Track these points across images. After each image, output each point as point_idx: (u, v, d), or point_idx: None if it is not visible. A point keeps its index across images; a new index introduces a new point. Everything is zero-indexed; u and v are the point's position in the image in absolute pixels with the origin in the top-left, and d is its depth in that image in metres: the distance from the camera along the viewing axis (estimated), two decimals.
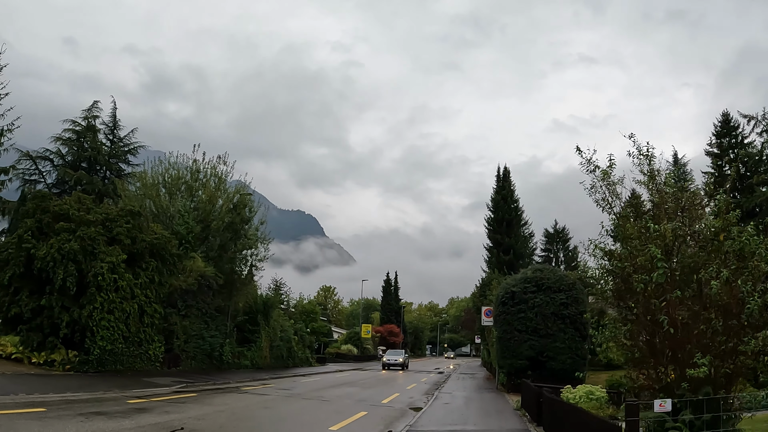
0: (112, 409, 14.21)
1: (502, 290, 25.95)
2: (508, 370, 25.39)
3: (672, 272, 8.27)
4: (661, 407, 7.11)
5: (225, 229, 32.05)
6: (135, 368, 24.51)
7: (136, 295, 24.53)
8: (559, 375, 23.20)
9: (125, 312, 23.90)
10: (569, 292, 24.30)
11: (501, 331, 25.23)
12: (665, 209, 9.30)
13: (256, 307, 36.30)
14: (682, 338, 7.97)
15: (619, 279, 9.04)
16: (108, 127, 53.78)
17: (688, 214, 9.05)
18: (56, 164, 51.29)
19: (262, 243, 33.71)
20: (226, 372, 29.44)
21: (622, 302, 9.10)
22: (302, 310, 66.64)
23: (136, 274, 24.72)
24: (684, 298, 8.05)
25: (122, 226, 24.72)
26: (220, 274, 30.07)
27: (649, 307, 8.26)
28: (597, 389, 15.25)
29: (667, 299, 8.08)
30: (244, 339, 35.50)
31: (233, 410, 15.28)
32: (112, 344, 23.23)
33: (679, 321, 7.96)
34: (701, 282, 8.08)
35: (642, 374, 9.30)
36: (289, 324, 43.07)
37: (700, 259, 8.30)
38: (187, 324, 28.26)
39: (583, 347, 24.11)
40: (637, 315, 8.52)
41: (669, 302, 8.08)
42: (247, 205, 32.62)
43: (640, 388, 9.32)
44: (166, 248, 26.06)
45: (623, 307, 9.04)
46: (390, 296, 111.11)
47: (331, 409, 17.16)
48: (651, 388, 8.76)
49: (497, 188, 54.32)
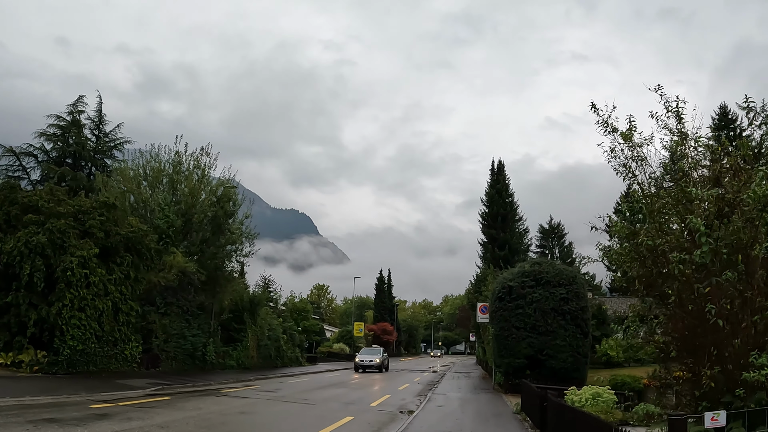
0: (69, 415, 12.81)
1: (498, 285, 24.56)
2: (505, 369, 24.02)
3: (717, 250, 6.82)
4: (714, 421, 5.70)
5: (208, 223, 30.61)
6: (110, 369, 23.08)
7: (110, 292, 23.09)
8: (560, 374, 21.90)
9: (98, 309, 22.47)
10: (570, 287, 22.95)
11: (498, 328, 23.85)
12: (701, 176, 7.84)
13: (242, 305, 34.84)
14: (730, 332, 6.54)
15: (650, 261, 7.62)
16: (93, 123, 52.33)
17: (729, 182, 7.58)
18: (40, 160, 49.94)
19: (248, 238, 32.22)
20: (209, 373, 27.99)
21: (651, 290, 7.68)
22: (293, 308, 65.14)
23: (110, 270, 23.29)
24: (732, 282, 6.58)
25: (95, 219, 23.27)
26: (202, 270, 28.62)
27: (689, 295, 6.83)
28: (604, 391, 13.87)
29: (712, 284, 6.65)
30: (230, 338, 34.05)
31: (205, 416, 13.86)
32: (84, 344, 21.79)
33: (726, 311, 6.51)
34: (751, 261, 6.64)
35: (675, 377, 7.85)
36: (278, 322, 41.61)
37: (747, 235, 6.87)
38: (167, 322, 26.79)
39: (585, 345, 22.77)
40: (673, 304, 7.09)
41: (714, 288, 6.64)
42: (231, 198, 31.14)
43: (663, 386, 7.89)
44: (142, 242, 24.62)
45: (654, 297, 7.62)
46: (383, 294, 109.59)
47: (314, 414, 15.77)
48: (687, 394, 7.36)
49: (491, 182, 52.96)
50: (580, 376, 22.50)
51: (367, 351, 46.20)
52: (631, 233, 8.09)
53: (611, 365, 33.81)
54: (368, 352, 45.66)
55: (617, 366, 34.03)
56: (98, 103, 52.14)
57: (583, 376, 22.69)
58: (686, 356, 7.45)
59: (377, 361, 41.67)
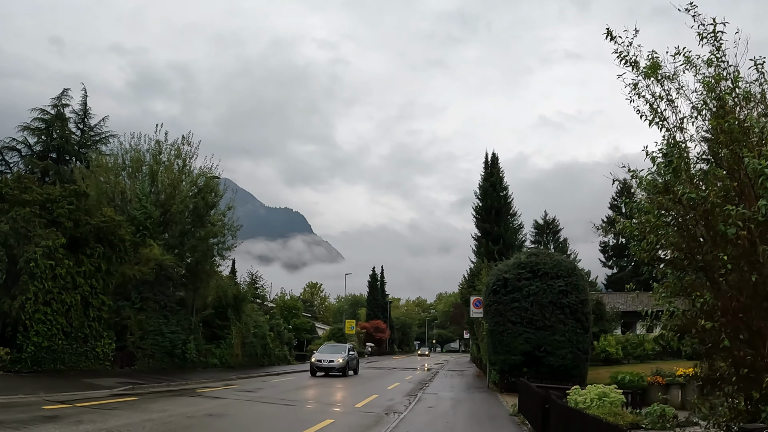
0: (15, 417, 11.48)
1: (493, 277, 23.13)
2: (500, 366, 22.62)
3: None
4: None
5: (189, 215, 29.13)
6: (79, 368, 21.62)
7: (79, 285, 21.62)
8: (559, 372, 20.55)
9: (65, 304, 21.00)
10: (568, 279, 21.57)
11: (492, 323, 22.43)
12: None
13: (227, 301, 33.35)
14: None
15: (692, 221, 6.15)
16: (78, 116, 50.88)
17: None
18: (24, 154, 48.41)
19: (230, 231, 30.71)
20: (189, 372, 26.51)
21: (692, 260, 6.22)
22: (283, 305, 63.57)
23: (79, 261, 21.81)
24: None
25: (64, 208, 21.78)
26: (181, 264, 27.16)
27: (749, 263, 5.39)
28: (611, 390, 12.50)
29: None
30: (213, 335, 32.57)
31: (167, 419, 12.42)
32: (50, 340, 20.33)
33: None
34: None
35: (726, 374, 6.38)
36: (264, 319, 40.08)
37: None
38: (143, 318, 25.29)
39: (586, 340, 21.40)
40: (725, 277, 5.62)
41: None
42: (213, 188, 29.64)
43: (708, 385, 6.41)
44: (115, 233, 23.14)
45: (696, 269, 6.18)
46: (376, 291, 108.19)
47: (291, 417, 14.36)
48: (740, 396, 5.96)
49: (485, 175, 51.55)
50: (581, 374, 21.17)
51: (328, 348, 35.26)
52: (663, 188, 6.63)
53: (610, 362, 32.59)
54: (329, 349, 34.77)
55: (616, 363, 32.82)
56: (83, 96, 50.73)
57: (583, 374, 21.37)
58: (741, 346, 6.00)
59: (340, 361, 31.60)
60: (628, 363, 33.46)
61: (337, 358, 31.90)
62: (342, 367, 31.58)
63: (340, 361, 31.66)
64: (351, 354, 34.15)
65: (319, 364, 31.49)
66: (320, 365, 31.40)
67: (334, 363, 31.54)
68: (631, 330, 43.62)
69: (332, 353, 32.77)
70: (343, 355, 32.50)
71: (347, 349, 34.35)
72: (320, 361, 31.63)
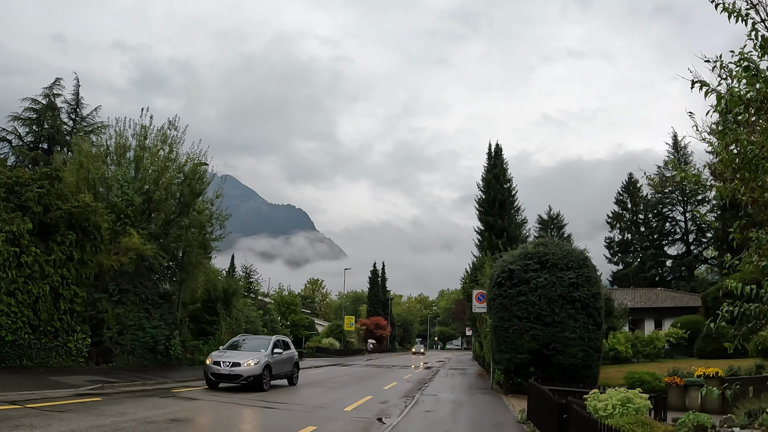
0: None
1: (497, 268, 21.31)
2: (505, 366, 20.82)
3: None
4: None
5: (176, 203, 27.38)
6: (48, 364, 19.94)
7: (48, 275, 19.91)
8: (569, 372, 18.79)
9: (32, 295, 19.29)
10: (579, 270, 19.78)
11: (497, 319, 20.62)
12: None
13: (216, 295, 31.56)
14: None
15: None
16: (70, 106, 49.41)
17: None
18: (14, 145, 46.97)
19: (218, 220, 28.92)
20: (172, 369, 24.78)
21: None
22: (281, 301, 61.95)
23: (48, 249, 20.10)
24: None
25: (33, 191, 20.06)
26: (163, 254, 25.43)
27: None
28: (635, 395, 10.67)
29: None
30: (202, 331, 30.80)
31: (120, 425, 10.71)
32: (14, 334, 18.64)
33: None
34: None
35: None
36: (257, 314, 38.33)
37: None
38: (122, 312, 23.54)
39: (598, 337, 19.62)
40: None
41: None
42: (200, 175, 27.84)
43: None
44: (89, 219, 21.42)
45: None
46: (377, 287, 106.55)
47: (268, 423, 12.66)
48: None
49: (488, 167, 49.67)
50: (592, 374, 19.43)
51: (246, 343, 22.13)
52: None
53: (619, 360, 31.02)
54: (247, 344, 21.93)
55: (625, 361, 31.25)
56: (75, 86, 49.23)
57: (595, 374, 19.63)
58: None
59: (250, 365, 19.30)
60: (637, 362, 31.84)
61: (246, 360, 19.30)
62: (254, 375, 19.12)
63: (250, 366, 19.07)
64: (278, 354, 21.22)
65: (217, 371, 19.28)
66: (218, 372, 19.28)
67: (240, 369, 19.00)
68: (638, 327, 42.05)
69: (241, 354, 20.16)
70: (260, 355, 19.87)
71: (271, 345, 21.02)
72: (218, 364, 19.38)
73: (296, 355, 24.23)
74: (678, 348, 35.43)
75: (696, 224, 64.17)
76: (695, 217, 63.63)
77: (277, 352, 21.34)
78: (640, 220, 68.23)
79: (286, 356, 22.34)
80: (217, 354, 20.45)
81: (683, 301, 45.47)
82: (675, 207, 65.99)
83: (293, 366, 23.17)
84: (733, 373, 18.88)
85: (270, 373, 20.15)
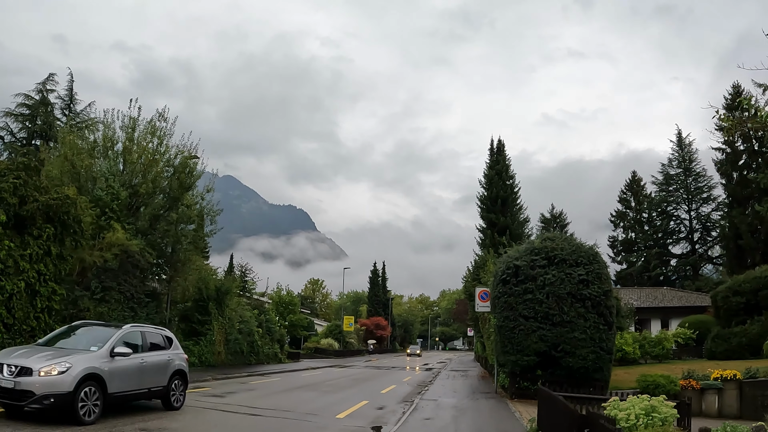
0: None
1: (502, 264, 20.02)
2: (511, 368, 19.53)
3: None
4: None
5: (164, 197, 26.17)
6: None
7: (23, 270, 18.65)
8: (579, 375, 17.54)
9: (5, 291, 18.03)
10: (589, 267, 18.49)
11: (501, 318, 19.34)
12: None
13: (208, 294, 30.36)
14: None
15: None
16: (64, 102, 48.32)
17: None
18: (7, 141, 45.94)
19: (208, 215, 27.67)
20: None
21: None
22: (279, 301, 60.72)
23: (24, 243, 18.86)
24: None
25: (9, 182, 18.83)
26: (150, 250, 24.20)
27: None
28: (660, 403, 9.43)
29: None
30: (193, 331, 29.63)
31: None
32: None
33: None
34: None
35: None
36: (252, 314, 37.08)
37: None
38: (105, 310, 22.31)
39: (610, 338, 18.32)
40: None
41: None
42: (189, 168, 26.59)
43: None
44: (69, 212, 20.19)
45: None
46: (377, 287, 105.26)
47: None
48: None
49: (491, 163, 48.43)
50: (604, 377, 18.15)
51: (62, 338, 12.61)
52: None
53: (626, 362, 29.76)
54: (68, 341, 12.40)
55: (633, 363, 30.01)
56: (69, 81, 48.10)
57: (606, 377, 18.35)
58: None
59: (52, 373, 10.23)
60: (645, 363, 30.60)
61: (48, 364, 10.37)
62: (58, 393, 10.20)
63: (51, 376, 10.23)
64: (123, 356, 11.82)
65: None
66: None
67: (32, 379, 10.13)
68: (645, 327, 40.80)
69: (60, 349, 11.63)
70: (81, 357, 10.96)
71: (113, 339, 11.86)
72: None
73: (179, 361, 14.64)
74: (686, 349, 34.17)
75: (701, 223, 62.93)
76: (700, 216, 62.41)
77: (123, 353, 11.73)
78: (644, 218, 66.99)
79: (151, 361, 12.88)
80: (2, 354, 11.11)
81: (690, 301, 44.21)
82: (680, 205, 64.73)
83: (171, 377, 13.65)
84: (752, 376, 17.61)
85: (101, 389, 10.97)
